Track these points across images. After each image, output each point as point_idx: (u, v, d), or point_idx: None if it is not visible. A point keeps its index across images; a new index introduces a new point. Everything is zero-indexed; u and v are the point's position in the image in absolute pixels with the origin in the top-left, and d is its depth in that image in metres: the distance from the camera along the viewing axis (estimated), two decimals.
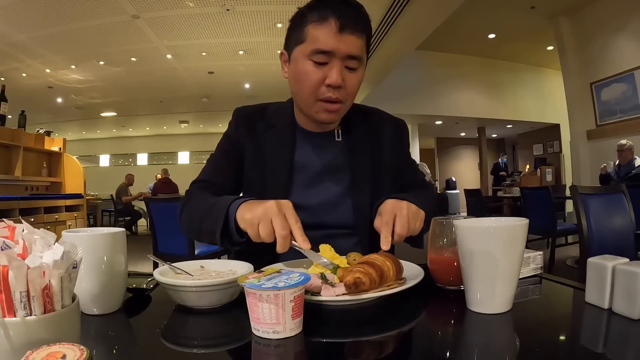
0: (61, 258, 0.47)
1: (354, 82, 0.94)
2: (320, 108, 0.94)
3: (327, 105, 0.93)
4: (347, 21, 0.88)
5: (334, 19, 0.88)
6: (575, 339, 0.58)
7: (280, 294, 0.54)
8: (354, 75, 0.93)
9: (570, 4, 6.76)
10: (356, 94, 0.97)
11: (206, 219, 0.88)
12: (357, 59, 0.92)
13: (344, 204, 1.05)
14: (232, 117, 1.12)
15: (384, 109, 1.22)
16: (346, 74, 0.92)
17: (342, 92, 0.93)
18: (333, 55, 0.90)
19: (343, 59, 0.90)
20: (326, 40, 0.89)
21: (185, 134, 14.27)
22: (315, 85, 0.92)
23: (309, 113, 0.98)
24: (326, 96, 0.92)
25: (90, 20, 6.30)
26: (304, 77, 0.93)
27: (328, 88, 0.91)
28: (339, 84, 0.90)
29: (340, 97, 0.93)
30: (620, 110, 6.31)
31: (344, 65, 0.91)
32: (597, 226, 2.04)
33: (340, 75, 0.90)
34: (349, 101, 0.96)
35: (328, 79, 0.90)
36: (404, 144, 1.18)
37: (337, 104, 0.94)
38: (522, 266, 0.80)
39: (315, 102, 0.94)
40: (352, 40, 0.90)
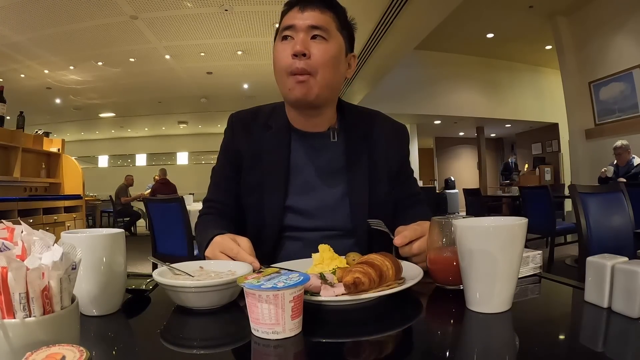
0: (60, 259, 0.47)
1: (321, 52, 0.95)
2: (292, 83, 0.95)
3: (296, 77, 0.95)
4: (308, 2, 0.97)
5: (297, 5, 0.98)
6: (575, 338, 0.58)
7: (279, 294, 0.54)
8: (321, 45, 0.95)
9: (569, 4, 6.76)
10: (330, 67, 0.96)
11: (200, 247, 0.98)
12: (320, 28, 0.95)
13: (341, 207, 1.05)
14: (227, 124, 1.13)
15: (383, 108, 1.21)
16: (311, 44, 0.95)
17: (309, 62, 0.94)
18: (295, 28, 0.95)
19: (307, 31, 0.95)
20: (289, 19, 0.97)
21: (184, 135, 14.26)
22: (285, 60, 0.95)
23: (285, 94, 0.99)
24: (293, 68, 0.94)
25: (89, 21, 6.29)
26: (276, 55, 0.99)
27: (294, 58, 0.94)
28: (302, 51, 0.93)
29: (307, 68, 0.94)
30: (619, 109, 6.32)
31: (309, 37, 0.95)
32: (596, 225, 2.04)
33: (302, 43, 0.94)
34: (320, 73, 0.95)
35: (292, 48, 0.94)
36: (403, 149, 1.16)
37: (304, 75, 0.94)
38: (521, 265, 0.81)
39: (288, 78, 0.96)
40: (314, 14, 0.96)
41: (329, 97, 1.02)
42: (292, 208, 1.05)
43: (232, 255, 0.83)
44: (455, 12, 5.80)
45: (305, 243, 1.03)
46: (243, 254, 0.82)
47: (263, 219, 1.04)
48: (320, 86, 0.96)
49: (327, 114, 1.06)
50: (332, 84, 0.99)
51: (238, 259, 0.82)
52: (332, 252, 0.82)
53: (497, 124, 12.04)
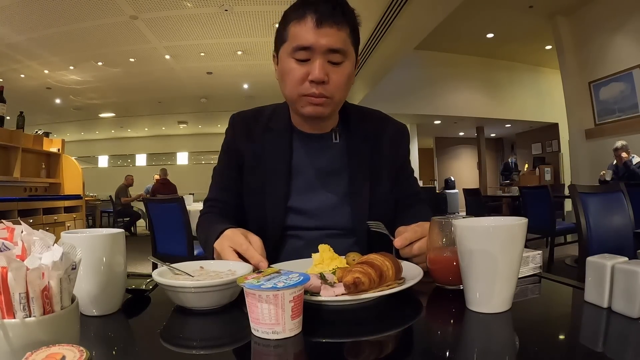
0: (60, 259, 0.47)
1: (339, 76, 0.92)
2: (305, 102, 0.94)
3: (311, 99, 0.92)
4: (324, 15, 0.88)
5: (311, 14, 0.88)
6: (575, 338, 0.58)
7: (279, 294, 0.54)
8: (339, 69, 0.92)
9: (569, 4, 6.77)
10: (345, 88, 0.95)
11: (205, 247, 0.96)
12: (339, 52, 0.90)
13: (342, 207, 1.05)
14: (228, 125, 1.12)
15: (383, 108, 1.21)
16: (330, 69, 0.91)
17: (327, 87, 0.91)
18: (313, 50, 0.89)
19: (324, 54, 0.89)
20: (305, 36, 0.89)
21: (184, 135, 14.26)
22: (299, 82, 0.92)
23: (295, 108, 0.98)
24: (310, 92, 0.91)
25: (89, 21, 6.29)
26: (288, 75, 0.93)
27: (311, 84, 0.91)
28: (322, 79, 0.89)
29: (325, 93, 0.92)
30: (619, 109, 6.32)
31: (326, 60, 0.90)
32: (596, 225, 2.04)
33: (322, 70, 0.89)
34: (337, 96, 0.94)
35: (310, 75, 0.90)
36: (404, 149, 1.16)
37: (321, 98, 0.92)
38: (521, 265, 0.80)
39: (300, 98, 0.94)
40: (332, 33, 0.88)
41: (338, 109, 1.03)
42: (293, 208, 1.05)
43: (241, 251, 0.80)
44: (455, 12, 5.80)
45: (307, 242, 1.03)
46: (252, 251, 0.79)
47: (264, 219, 1.04)
48: (335, 105, 0.97)
49: (331, 118, 1.07)
50: (344, 99, 1.00)
51: (246, 256, 0.79)
52: (332, 252, 0.82)
53: (497, 124, 12.04)
